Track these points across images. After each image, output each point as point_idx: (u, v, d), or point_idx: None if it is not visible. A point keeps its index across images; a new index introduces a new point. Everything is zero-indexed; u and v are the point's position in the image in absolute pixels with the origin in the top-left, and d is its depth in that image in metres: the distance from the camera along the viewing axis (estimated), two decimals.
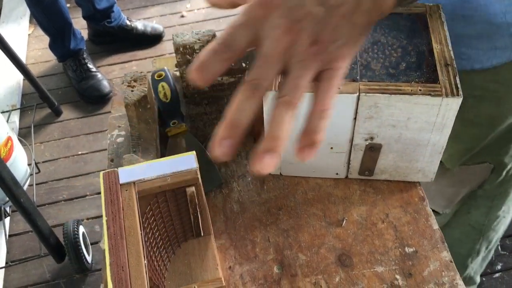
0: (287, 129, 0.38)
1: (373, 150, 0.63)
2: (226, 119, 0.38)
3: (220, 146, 0.38)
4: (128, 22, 2.24)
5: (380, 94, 0.56)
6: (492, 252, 1.13)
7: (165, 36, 2.30)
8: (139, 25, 2.26)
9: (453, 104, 0.56)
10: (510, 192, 0.92)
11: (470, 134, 0.78)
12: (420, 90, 0.56)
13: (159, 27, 2.30)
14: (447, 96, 0.55)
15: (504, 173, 0.86)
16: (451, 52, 0.59)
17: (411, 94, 0.55)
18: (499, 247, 1.55)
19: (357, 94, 0.56)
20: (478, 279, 1.20)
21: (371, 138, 0.61)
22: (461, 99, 0.55)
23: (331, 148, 0.63)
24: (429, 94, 0.55)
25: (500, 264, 1.52)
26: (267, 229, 0.64)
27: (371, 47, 0.61)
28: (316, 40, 0.38)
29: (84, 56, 2.08)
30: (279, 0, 0.38)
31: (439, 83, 0.56)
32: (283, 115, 0.38)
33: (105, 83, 2.06)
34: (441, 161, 0.64)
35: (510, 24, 0.64)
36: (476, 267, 1.14)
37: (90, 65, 2.08)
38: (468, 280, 1.14)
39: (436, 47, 0.60)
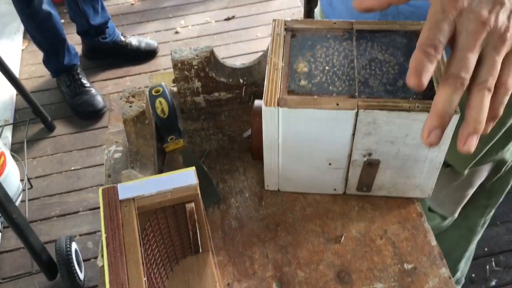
0: (486, 112, 0.43)
1: (371, 166, 0.63)
2: (434, 110, 0.44)
3: (430, 135, 0.44)
4: (122, 38, 2.25)
5: (379, 111, 0.56)
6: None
7: (160, 52, 2.31)
8: (133, 40, 2.27)
9: (451, 121, 0.56)
10: (506, 188, 0.94)
11: (482, 135, 0.78)
12: (418, 106, 0.56)
13: (154, 43, 2.31)
14: None
15: (502, 169, 0.87)
16: None
17: (409, 111, 0.56)
18: (493, 263, 1.55)
19: (356, 110, 0.56)
20: (463, 280, 1.22)
21: (369, 154, 0.62)
22: (459, 115, 0.56)
23: (330, 164, 0.63)
24: (427, 111, 0.56)
25: (495, 280, 1.52)
26: (266, 246, 0.64)
27: (368, 64, 0.62)
28: (508, 27, 0.43)
29: (78, 71, 2.08)
30: None
31: None
32: (483, 100, 0.43)
33: (99, 98, 2.05)
34: (451, 166, 0.65)
35: None
36: (463, 267, 1.15)
37: (84, 81, 2.07)
38: (455, 282, 1.16)
39: None
